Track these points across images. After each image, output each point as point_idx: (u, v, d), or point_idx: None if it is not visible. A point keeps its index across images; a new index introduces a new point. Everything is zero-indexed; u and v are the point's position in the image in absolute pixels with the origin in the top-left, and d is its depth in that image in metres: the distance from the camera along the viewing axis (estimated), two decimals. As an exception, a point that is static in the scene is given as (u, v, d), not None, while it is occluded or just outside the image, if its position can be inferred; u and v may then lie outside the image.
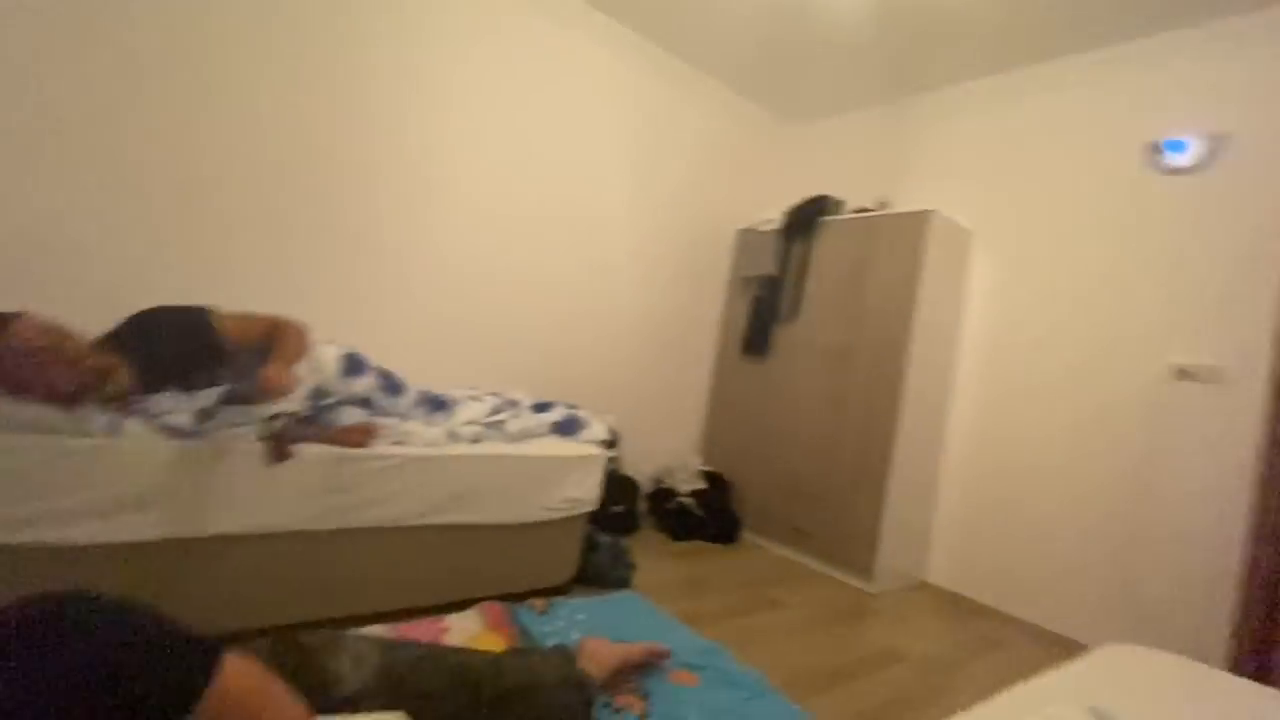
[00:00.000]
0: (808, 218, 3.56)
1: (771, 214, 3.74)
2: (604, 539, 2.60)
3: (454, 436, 2.18)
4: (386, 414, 2.14)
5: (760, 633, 2.35)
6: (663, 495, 3.61)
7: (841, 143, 4.03)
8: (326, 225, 2.60)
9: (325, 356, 2.02)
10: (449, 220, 2.93)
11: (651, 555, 3.04)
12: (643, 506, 3.58)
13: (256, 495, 1.74)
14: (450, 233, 2.94)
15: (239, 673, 0.79)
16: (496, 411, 2.41)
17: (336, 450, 1.88)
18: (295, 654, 1.12)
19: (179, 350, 1.77)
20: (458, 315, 3.00)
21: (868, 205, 3.51)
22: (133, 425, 1.63)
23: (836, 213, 3.54)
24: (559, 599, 2.05)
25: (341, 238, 2.64)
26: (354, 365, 2.09)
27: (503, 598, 1.99)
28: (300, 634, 1.18)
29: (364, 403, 2.10)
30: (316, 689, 1.08)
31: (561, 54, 3.20)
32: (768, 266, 3.67)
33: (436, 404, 2.27)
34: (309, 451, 1.82)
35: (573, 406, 2.65)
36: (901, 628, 2.67)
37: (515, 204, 3.12)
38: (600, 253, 3.48)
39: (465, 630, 1.73)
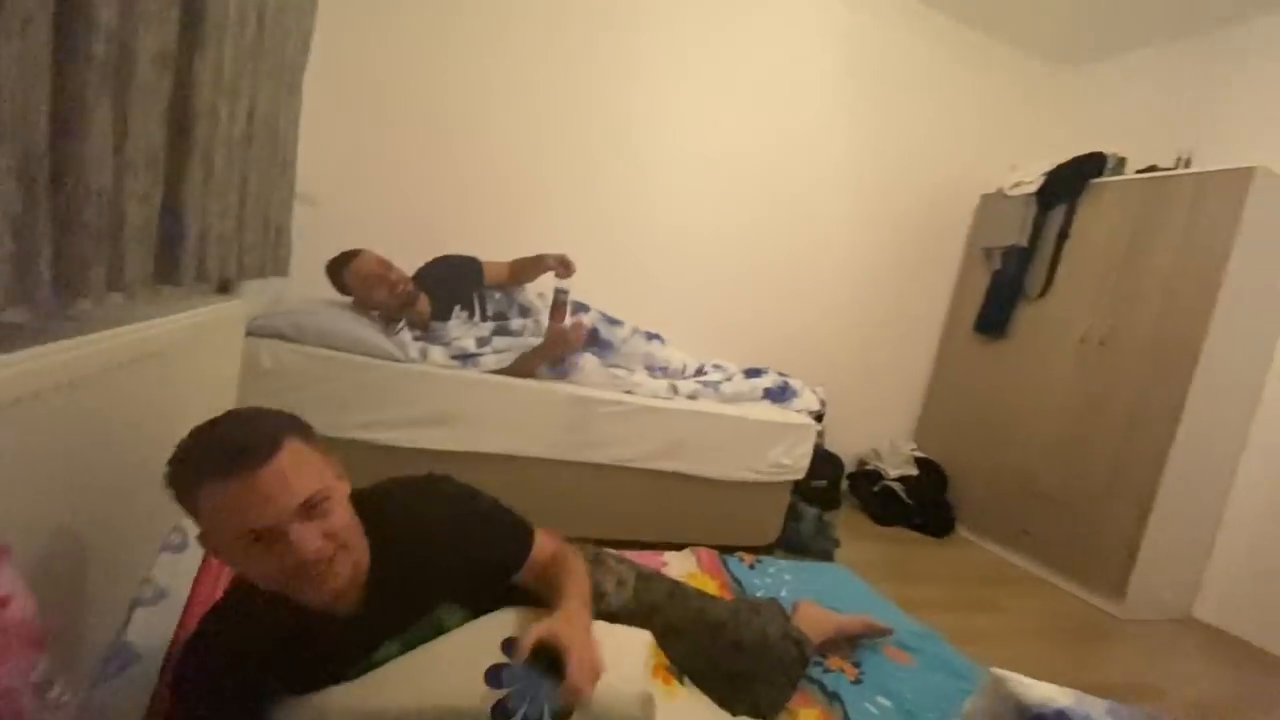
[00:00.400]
0: (1073, 179, 3.07)
1: (1024, 176, 3.28)
2: (809, 509, 2.59)
3: (675, 391, 2.32)
4: (609, 343, 2.34)
5: (978, 633, 2.18)
6: (868, 477, 3.47)
7: (1123, 89, 3.37)
8: (552, 192, 2.87)
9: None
10: (664, 181, 3.03)
11: (853, 535, 2.95)
12: (843, 486, 3.48)
13: (514, 422, 2.05)
14: (664, 194, 3.04)
15: (543, 544, 1.05)
16: (701, 372, 2.53)
17: (576, 391, 2.12)
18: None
19: (460, 286, 2.24)
20: (668, 281, 3.12)
21: (1157, 163, 2.92)
22: (435, 354, 2.00)
23: (1114, 172, 3.00)
24: (766, 558, 2.10)
25: (566, 204, 2.89)
26: (580, 305, 2.36)
27: (709, 548, 2.10)
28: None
29: (591, 335, 2.32)
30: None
31: (781, 2, 3.09)
32: (1015, 236, 3.25)
33: (650, 335, 2.46)
34: (552, 392, 2.09)
35: (783, 375, 2.65)
36: (1159, 662, 2.28)
37: (729, 162, 3.12)
38: (819, 217, 3.36)
39: (681, 568, 1.86)
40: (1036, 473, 3.02)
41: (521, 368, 2.08)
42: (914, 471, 3.43)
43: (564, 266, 2.21)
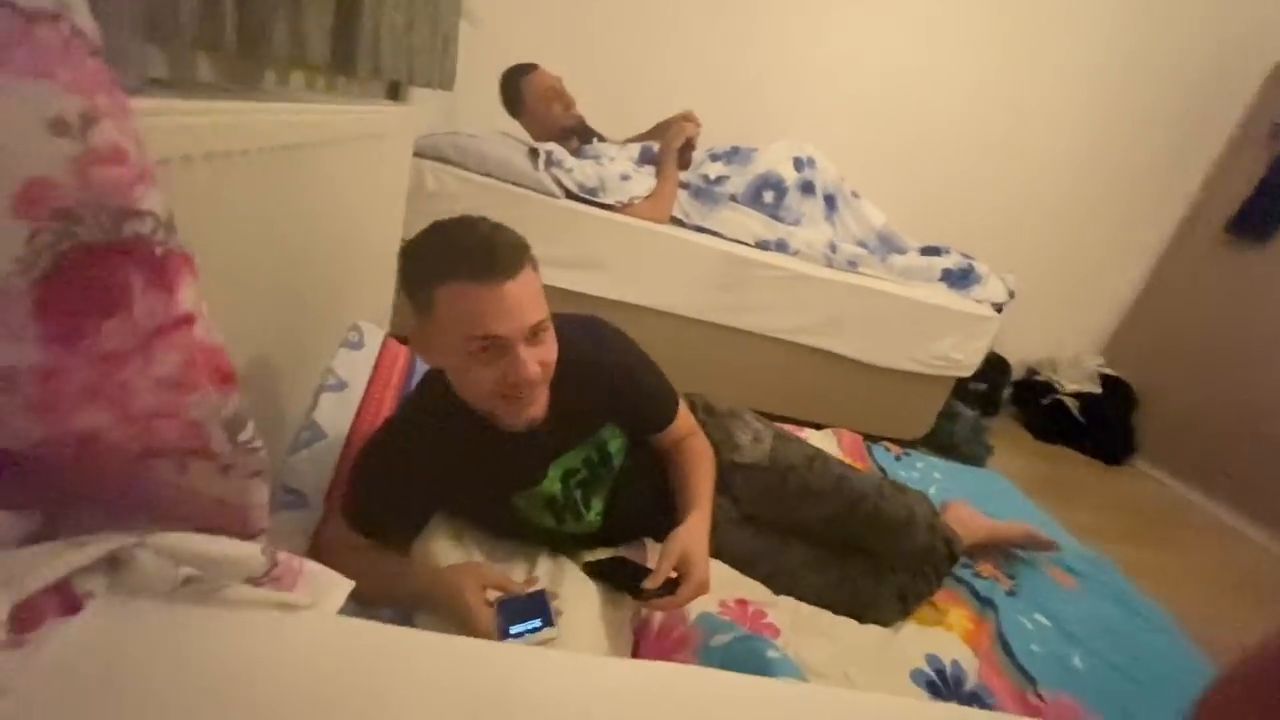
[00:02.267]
0: None
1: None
2: (966, 410, 2.35)
3: (835, 250, 2.09)
4: (780, 186, 2.15)
5: (1148, 571, 1.93)
6: (1036, 388, 3.09)
7: None
8: (731, 22, 2.51)
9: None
10: (862, 39, 2.60)
11: (1007, 447, 2.68)
12: (1005, 394, 3.13)
13: (664, 275, 1.96)
14: (862, 50, 2.62)
15: (686, 416, 1.08)
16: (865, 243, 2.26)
17: (732, 249, 1.98)
18: (707, 412, 1.25)
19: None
20: (848, 142, 2.74)
21: None
22: (578, 175, 1.92)
23: None
24: (914, 451, 1.94)
25: (747, 39, 2.54)
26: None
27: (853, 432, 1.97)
28: (709, 397, 1.30)
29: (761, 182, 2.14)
30: (720, 448, 1.20)
31: None
32: (1325, 110, 2.46)
33: (829, 197, 2.24)
34: (706, 248, 1.95)
35: (968, 256, 2.30)
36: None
37: (936, 20, 2.59)
38: (1042, 80, 2.74)
39: (822, 448, 1.76)
40: (1265, 411, 2.50)
41: (656, 202, 1.97)
42: (1096, 389, 3.00)
43: (692, 123, 2.07)
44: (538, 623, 0.80)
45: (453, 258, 0.74)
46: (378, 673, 0.37)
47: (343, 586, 0.43)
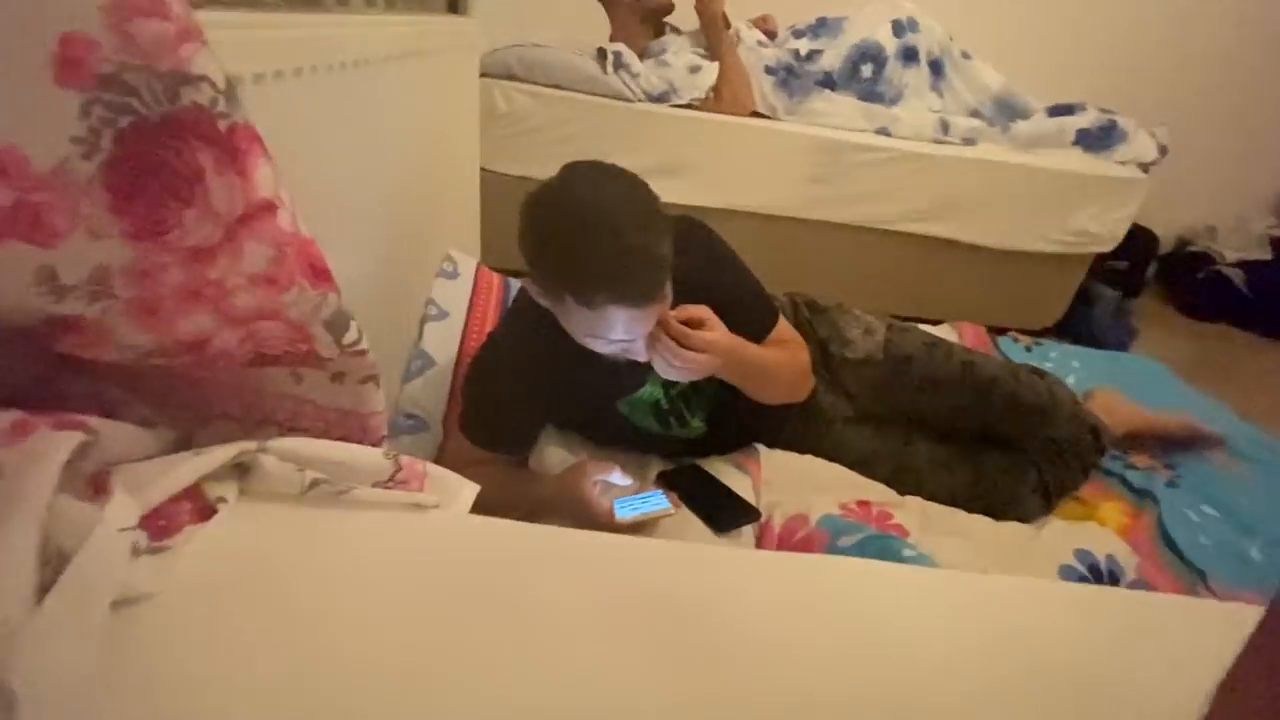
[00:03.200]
0: None
1: None
2: (1107, 291, 2.09)
3: (947, 128, 1.85)
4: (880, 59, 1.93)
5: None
6: (1188, 260, 2.69)
7: None
8: None
9: None
10: None
11: (1155, 328, 2.37)
12: (1151, 270, 2.76)
13: (752, 173, 1.83)
14: None
15: (785, 328, 1.01)
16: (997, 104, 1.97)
17: (823, 135, 1.80)
18: (811, 309, 1.17)
19: None
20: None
21: None
22: (644, 81, 1.79)
23: None
24: (1046, 340, 1.76)
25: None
26: None
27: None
28: (813, 295, 1.21)
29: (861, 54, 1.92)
30: (829, 344, 1.12)
31: None
32: None
33: (936, 62, 1.97)
34: (795, 136, 1.79)
35: (1109, 111, 1.97)
36: None
37: None
38: None
39: (940, 341, 1.63)
40: None
41: (724, 74, 1.81)
42: (1265, 255, 2.58)
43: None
44: (653, 506, 0.81)
45: (604, 286, 0.69)
46: (518, 564, 0.36)
47: (470, 489, 0.42)
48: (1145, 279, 2.69)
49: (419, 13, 1.20)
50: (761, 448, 1.07)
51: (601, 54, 1.79)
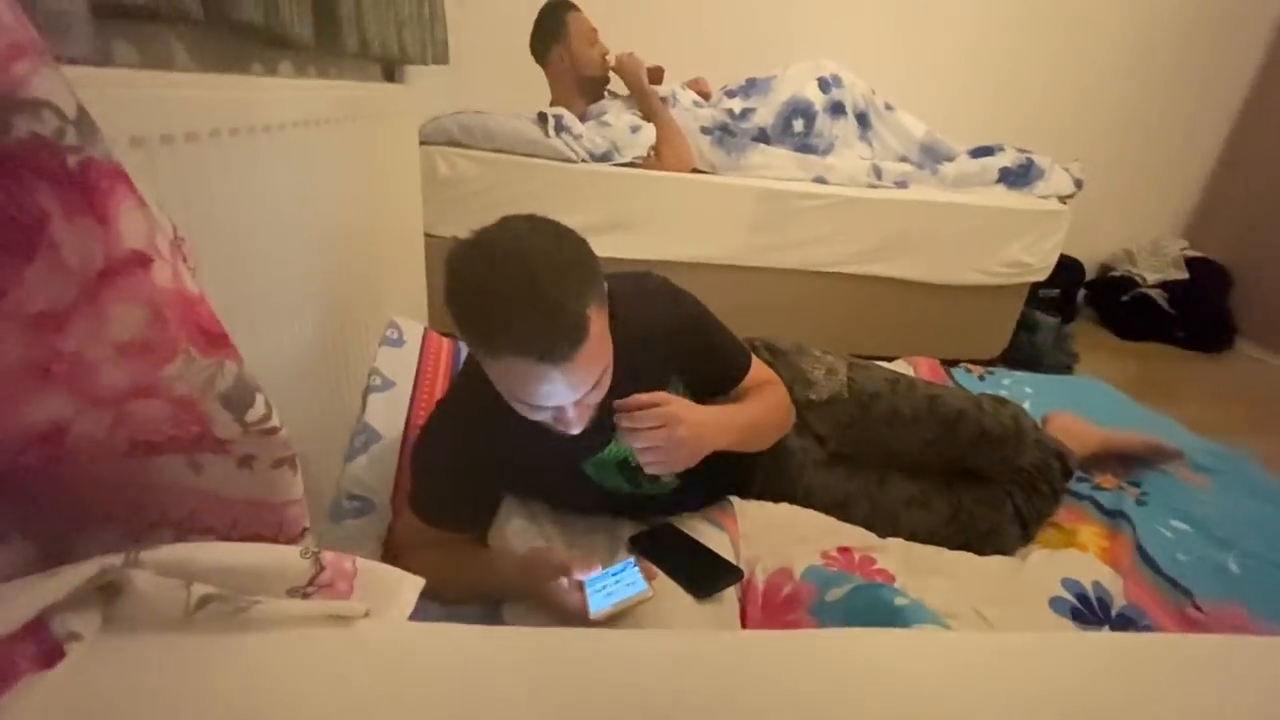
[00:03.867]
0: None
1: None
2: (1046, 318, 2.17)
3: (878, 174, 1.93)
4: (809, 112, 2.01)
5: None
6: (1114, 285, 2.85)
7: None
8: None
9: None
10: None
11: (1092, 350, 2.47)
12: (1081, 296, 2.90)
13: (696, 225, 1.85)
14: None
15: (760, 371, 0.98)
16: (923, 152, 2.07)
17: (761, 185, 1.85)
18: (771, 352, 1.15)
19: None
20: (871, 44, 2.54)
21: None
22: (586, 143, 1.81)
23: None
24: (998, 368, 1.80)
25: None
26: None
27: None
28: (771, 339, 1.20)
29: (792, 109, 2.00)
30: (793, 388, 1.10)
31: None
32: None
33: (861, 114, 2.06)
34: (736, 188, 1.84)
35: (1025, 151, 2.10)
36: None
37: None
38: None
39: (898, 377, 1.64)
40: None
41: (662, 148, 1.84)
42: (1182, 275, 2.75)
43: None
44: (627, 589, 0.74)
45: (508, 334, 0.64)
46: (468, 680, 0.29)
47: (412, 584, 0.35)
48: (1077, 305, 2.84)
49: (355, 79, 1.18)
50: (735, 500, 1.02)
51: (542, 117, 1.81)
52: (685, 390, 0.93)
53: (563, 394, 0.69)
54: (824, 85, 2.00)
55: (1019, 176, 2.02)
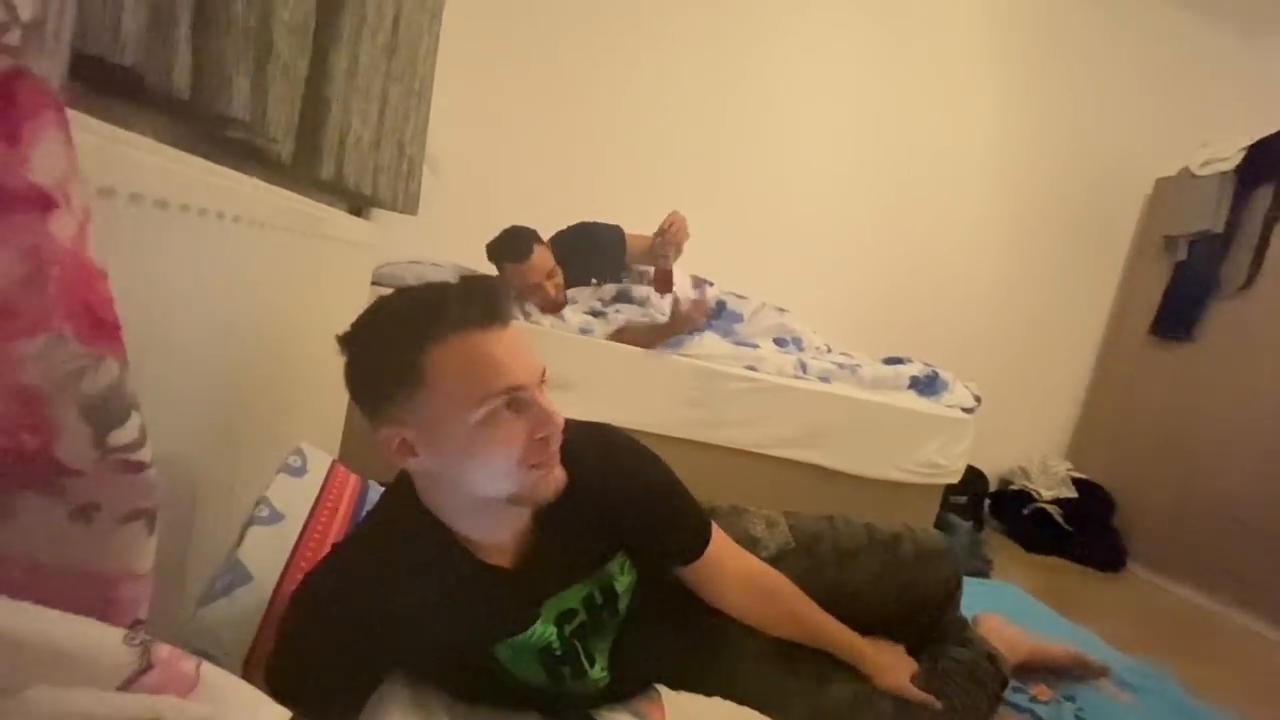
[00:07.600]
0: (1288, 152, 2.58)
1: (1219, 153, 2.81)
2: (961, 523, 2.24)
3: (804, 368, 2.06)
4: (737, 315, 2.20)
5: (1193, 683, 1.74)
6: (1014, 498, 3.02)
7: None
8: (682, 165, 2.75)
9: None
10: (798, 157, 2.86)
11: (1001, 558, 2.54)
12: (986, 506, 3.05)
13: (633, 394, 1.88)
14: (798, 171, 2.87)
15: (729, 553, 0.97)
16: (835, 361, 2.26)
17: (698, 364, 1.93)
18: (711, 514, 1.11)
19: (598, 264, 2.13)
20: (797, 265, 2.90)
21: None
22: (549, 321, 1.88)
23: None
24: (921, 566, 1.78)
25: (696, 177, 2.76)
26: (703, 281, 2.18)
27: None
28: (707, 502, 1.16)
29: (718, 307, 2.17)
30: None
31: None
32: (1206, 221, 2.77)
33: (781, 310, 2.28)
34: (675, 364, 1.91)
35: (930, 365, 2.32)
36: None
37: (868, 138, 2.91)
38: (962, 203, 3.04)
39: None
40: (1242, 502, 2.49)
41: (639, 338, 1.92)
42: (1071, 494, 2.96)
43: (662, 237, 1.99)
44: None
45: (449, 309, 0.64)
46: None
47: (272, 713, 0.25)
48: (983, 514, 2.96)
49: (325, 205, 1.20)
50: (664, 689, 0.89)
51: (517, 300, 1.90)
52: (630, 567, 0.86)
53: (526, 362, 0.67)
54: (780, 342, 2.20)
55: (927, 385, 2.20)
